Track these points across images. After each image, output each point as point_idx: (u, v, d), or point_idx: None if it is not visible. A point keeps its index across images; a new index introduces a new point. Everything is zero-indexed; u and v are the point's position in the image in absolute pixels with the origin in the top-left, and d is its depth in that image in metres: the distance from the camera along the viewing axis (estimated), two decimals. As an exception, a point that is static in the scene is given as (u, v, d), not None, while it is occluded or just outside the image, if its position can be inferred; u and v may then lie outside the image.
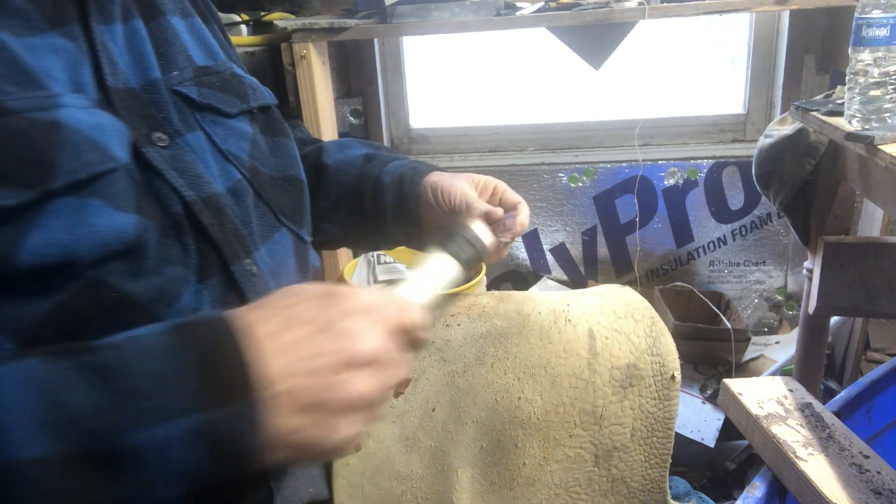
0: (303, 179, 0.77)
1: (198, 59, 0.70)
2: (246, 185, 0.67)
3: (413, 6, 1.53)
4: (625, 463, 0.71)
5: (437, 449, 0.70)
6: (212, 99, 0.68)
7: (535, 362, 0.71)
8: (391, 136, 2.08)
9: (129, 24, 0.65)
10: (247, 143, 0.70)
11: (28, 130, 0.49)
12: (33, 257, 0.48)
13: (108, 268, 0.52)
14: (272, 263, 0.66)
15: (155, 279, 0.55)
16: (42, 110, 0.51)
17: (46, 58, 0.55)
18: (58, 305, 0.50)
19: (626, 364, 0.71)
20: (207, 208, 0.61)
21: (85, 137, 0.52)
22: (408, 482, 0.70)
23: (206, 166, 0.64)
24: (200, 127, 0.66)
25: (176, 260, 0.57)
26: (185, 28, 0.71)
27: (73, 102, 0.54)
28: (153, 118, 0.62)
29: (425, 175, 0.81)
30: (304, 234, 0.74)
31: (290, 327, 0.47)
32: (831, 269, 1.34)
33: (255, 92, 0.75)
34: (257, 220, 0.67)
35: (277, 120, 0.78)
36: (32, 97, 0.51)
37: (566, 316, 0.74)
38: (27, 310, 0.49)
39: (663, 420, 0.71)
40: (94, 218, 0.51)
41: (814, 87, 1.80)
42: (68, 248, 0.49)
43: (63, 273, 0.50)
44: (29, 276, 0.48)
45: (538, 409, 0.70)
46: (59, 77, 0.55)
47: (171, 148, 0.62)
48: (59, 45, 0.57)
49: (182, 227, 0.59)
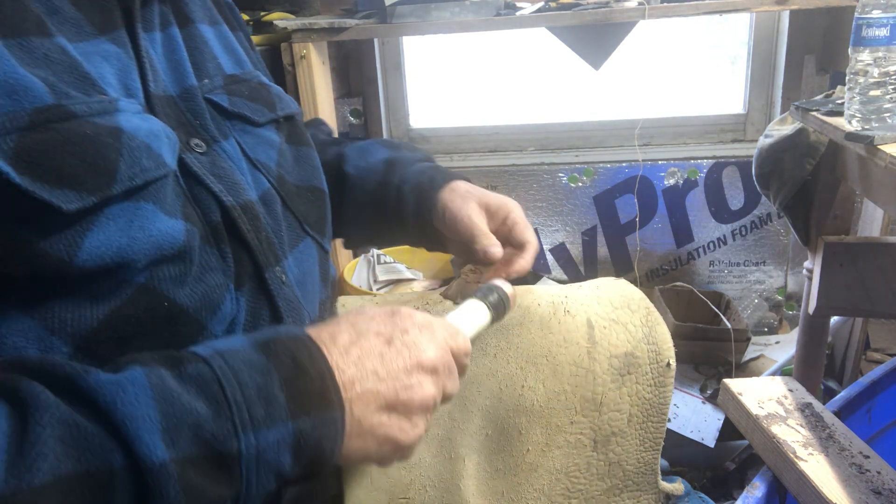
0: (325, 190, 0.77)
1: (227, 68, 0.71)
2: (274, 194, 0.68)
3: (413, 6, 1.53)
4: (621, 447, 0.73)
5: (444, 437, 0.71)
6: (242, 108, 0.69)
7: (536, 352, 0.73)
8: (391, 136, 2.08)
9: (167, 31, 0.66)
10: (274, 152, 0.70)
11: (91, 136, 0.50)
12: (90, 258, 0.49)
13: (158, 274, 0.53)
14: (298, 272, 0.67)
15: (198, 287, 0.56)
16: (103, 115, 0.52)
17: (99, 63, 0.56)
18: (112, 312, 0.51)
19: (624, 353, 0.73)
20: (245, 214, 0.62)
21: (142, 144, 0.53)
22: (416, 470, 0.71)
23: (242, 173, 0.65)
24: (232, 135, 0.67)
25: (216, 267, 0.58)
26: (213, 36, 0.72)
27: (129, 107, 0.55)
28: (190, 125, 0.63)
29: (441, 188, 0.80)
30: (326, 243, 0.75)
31: (360, 340, 0.53)
32: (831, 269, 1.34)
33: (282, 101, 0.75)
34: (286, 228, 0.68)
35: (301, 129, 0.78)
36: (94, 102, 0.52)
37: (565, 307, 0.75)
38: (84, 315, 0.50)
39: (658, 406, 0.73)
40: (148, 222, 0.52)
41: (814, 87, 1.80)
42: (123, 251, 0.50)
43: (117, 277, 0.51)
44: (85, 280, 0.49)
45: (541, 397, 0.72)
46: (111, 82, 0.56)
47: (209, 154, 0.62)
48: (110, 51, 0.58)
49: (220, 234, 0.59)
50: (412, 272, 1.93)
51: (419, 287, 1.87)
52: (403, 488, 0.71)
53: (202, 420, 0.44)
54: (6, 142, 0.46)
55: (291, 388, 0.48)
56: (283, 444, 0.46)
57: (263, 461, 0.46)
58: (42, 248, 0.47)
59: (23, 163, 0.46)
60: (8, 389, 0.42)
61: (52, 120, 0.48)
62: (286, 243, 0.67)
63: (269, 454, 0.46)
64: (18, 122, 0.47)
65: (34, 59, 0.50)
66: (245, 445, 0.45)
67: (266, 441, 0.46)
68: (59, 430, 0.40)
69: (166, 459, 0.42)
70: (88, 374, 0.44)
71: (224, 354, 0.47)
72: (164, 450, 0.42)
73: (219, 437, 0.44)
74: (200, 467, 0.43)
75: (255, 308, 0.61)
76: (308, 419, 0.47)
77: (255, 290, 0.62)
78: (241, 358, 0.47)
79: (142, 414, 0.42)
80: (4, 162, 0.45)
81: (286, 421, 0.47)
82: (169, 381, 0.44)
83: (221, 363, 0.46)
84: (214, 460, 0.44)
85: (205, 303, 0.56)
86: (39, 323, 0.49)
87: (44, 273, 0.48)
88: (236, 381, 0.46)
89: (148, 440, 0.41)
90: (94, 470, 0.40)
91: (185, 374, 0.45)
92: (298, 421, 0.47)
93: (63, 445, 0.40)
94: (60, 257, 0.48)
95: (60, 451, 0.40)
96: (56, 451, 0.39)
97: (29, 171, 0.46)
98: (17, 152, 0.46)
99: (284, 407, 0.47)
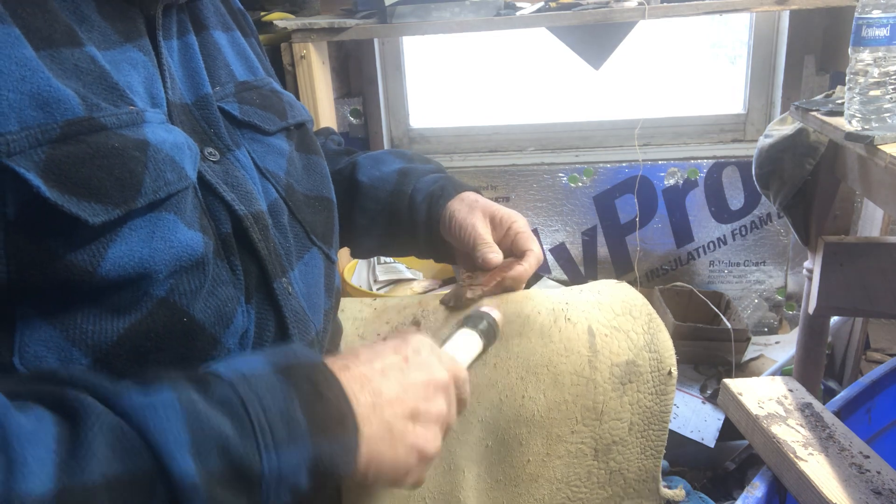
0: (333, 200, 0.77)
1: (239, 74, 0.71)
2: (282, 204, 0.68)
3: (413, 6, 1.53)
4: (622, 456, 0.72)
5: (444, 449, 0.71)
6: (253, 116, 0.69)
7: (537, 361, 0.72)
8: (391, 136, 2.08)
9: (184, 39, 0.66)
10: (283, 161, 0.70)
11: (119, 149, 0.51)
12: (113, 269, 0.50)
13: (177, 287, 0.54)
14: (304, 283, 0.67)
15: (212, 301, 0.57)
16: (131, 126, 0.52)
17: (128, 71, 0.57)
18: (133, 325, 0.52)
19: (626, 361, 0.72)
20: (256, 224, 0.62)
21: (167, 157, 0.54)
22: None
23: (253, 183, 0.65)
24: (242, 143, 0.67)
25: (227, 280, 0.59)
26: (227, 42, 0.72)
27: (154, 118, 0.55)
28: (205, 133, 0.63)
29: (451, 197, 0.82)
30: (332, 254, 0.75)
31: (380, 357, 0.56)
32: (831, 269, 1.34)
33: (293, 108, 0.75)
34: (293, 238, 0.68)
35: (311, 137, 0.78)
36: (122, 113, 0.52)
37: (566, 315, 0.74)
38: (105, 328, 0.51)
39: (659, 414, 0.73)
40: (169, 233, 0.53)
41: (814, 87, 1.80)
42: (145, 262, 0.51)
43: (139, 289, 0.52)
44: (107, 290, 0.50)
45: (541, 407, 0.71)
46: (139, 90, 0.57)
47: (222, 163, 0.63)
48: (137, 58, 0.58)
49: (230, 246, 0.60)
50: (412, 272, 1.93)
51: (419, 287, 1.87)
52: (403, 500, 0.70)
53: (229, 440, 0.45)
54: (37, 154, 0.47)
55: (311, 412, 0.49)
56: (303, 464, 0.48)
57: (283, 480, 0.47)
58: (67, 258, 0.48)
59: (52, 175, 0.47)
60: (55, 398, 0.44)
61: (82, 132, 0.49)
62: (293, 254, 0.67)
63: (288, 474, 0.47)
64: (49, 135, 0.47)
65: (65, 70, 0.51)
66: (268, 465, 0.46)
67: (288, 461, 0.47)
68: (107, 434, 0.42)
69: (194, 475, 0.43)
70: (122, 395, 0.45)
71: (248, 378, 0.49)
72: (193, 466, 0.43)
73: (244, 457, 0.46)
74: (226, 484, 0.45)
75: (261, 320, 0.61)
76: (326, 442, 0.49)
77: (263, 301, 0.62)
78: (264, 382, 0.49)
79: (174, 437, 0.44)
80: (35, 175, 0.46)
81: (307, 443, 0.48)
82: (198, 403, 0.46)
83: (246, 388, 0.48)
84: (239, 478, 0.46)
85: (219, 317, 0.57)
86: (61, 333, 0.50)
87: (67, 283, 0.49)
88: (260, 405, 0.47)
89: (179, 456, 0.43)
90: (140, 473, 0.42)
91: (212, 396, 0.47)
92: (317, 444, 0.49)
93: (111, 449, 0.42)
94: (84, 268, 0.48)
95: (108, 454, 0.41)
96: (105, 453, 0.41)
97: (58, 185, 0.47)
98: (47, 165, 0.47)
99: (305, 430, 0.48)
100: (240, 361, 0.51)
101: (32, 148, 0.46)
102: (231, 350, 0.58)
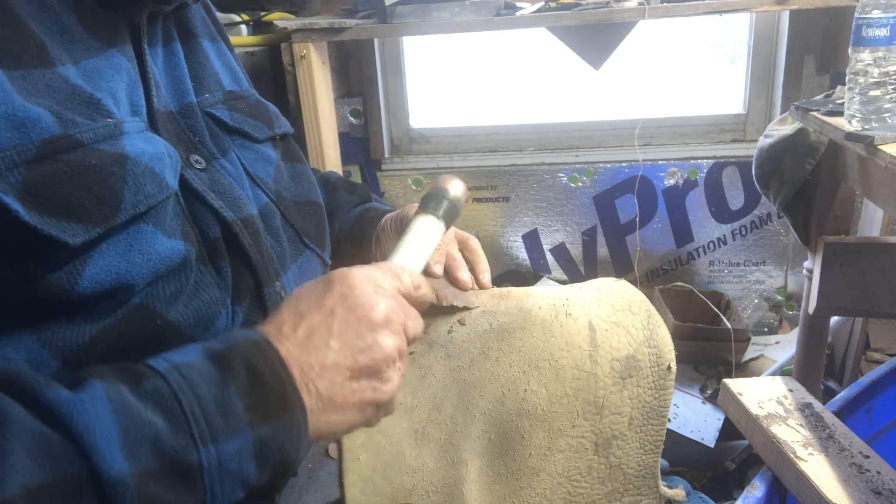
0: (322, 203, 0.79)
1: (226, 83, 0.72)
2: (273, 208, 0.68)
3: (413, 6, 1.53)
4: (622, 450, 0.73)
5: (446, 442, 0.71)
6: (243, 124, 0.69)
7: (538, 355, 0.73)
8: (391, 136, 2.08)
9: (169, 46, 0.66)
10: (272, 169, 0.71)
11: (97, 166, 0.50)
12: (90, 285, 0.49)
13: (153, 293, 0.53)
14: (296, 286, 0.67)
15: (192, 303, 0.56)
16: (109, 140, 0.52)
17: (111, 77, 0.56)
18: (105, 329, 0.51)
19: (626, 356, 0.73)
20: (246, 228, 0.62)
21: (146, 169, 0.53)
22: (419, 475, 0.71)
23: (243, 188, 0.65)
24: (232, 150, 0.67)
25: (211, 284, 0.58)
26: (213, 52, 0.73)
27: (132, 128, 0.55)
28: (190, 141, 0.63)
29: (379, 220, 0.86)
30: (326, 256, 0.76)
31: (303, 320, 0.52)
32: (831, 269, 1.34)
33: (278, 119, 0.77)
34: (286, 241, 0.68)
35: (294, 147, 0.80)
36: (99, 127, 0.52)
37: (566, 310, 0.75)
38: (76, 331, 0.50)
39: (658, 409, 0.73)
40: (147, 245, 0.52)
41: (814, 87, 1.80)
42: (122, 276, 0.51)
43: (115, 298, 0.51)
44: (84, 302, 0.50)
45: (543, 401, 0.72)
46: (121, 97, 0.56)
47: (208, 171, 0.63)
48: (121, 64, 0.58)
49: (217, 250, 0.59)
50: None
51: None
52: (406, 493, 0.70)
53: (161, 434, 0.44)
54: (14, 175, 0.46)
55: (249, 397, 0.47)
56: (245, 453, 0.47)
57: (226, 471, 0.46)
58: (45, 278, 0.47)
59: (30, 196, 0.46)
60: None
61: (59, 151, 0.48)
62: (287, 257, 0.67)
63: (231, 464, 0.46)
64: (25, 156, 0.47)
65: (37, 90, 0.50)
66: (206, 457, 0.45)
67: (227, 452, 0.46)
68: (27, 441, 0.40)
69: (124, 472, 0.42)
70: (50, 388, 0.44)
71: (180, 368, 0.47)
72: (123, 463, 0.42)
73: (178, 450, 0.44)
74: (161, 480, 0.43)
75: (249, 321, 0.61)
76: (268, 427, 0.48)
77: (253, 304, 0.62)
78: (198, 371, 0.47)
79: (100, 429, 0.42)
80: (13, 198, 0.45)
81: (246, 431, 0.47)
82: (127, 397, 0.44)
83: (178, 377, 0.46)
84: (176, 473, 0.44)
85: (199, 319, 0.56)
86: (32, 335, 0.49)
87: (43, 300, 0.48)
88: (193, 394, 0.46)
89: (106, 453, 0.42)
90: (62, 479, 0.41)
91: (143, 389, 0.45)
92: (258, 429, 0.47)
93: (31, 456, 0.40)
94: (62, 286, 0.48)
95: (29, 463, 0.40)
96: (24, 462, 0.40)
97: (36, 207, 0.46)
98: (24, 186, 0.46)
99: (243, 417, 0.47)
100: (174, 353, 0.49)
101: (9, 170, 0.46)
102: None
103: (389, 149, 2.07)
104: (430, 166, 2.02)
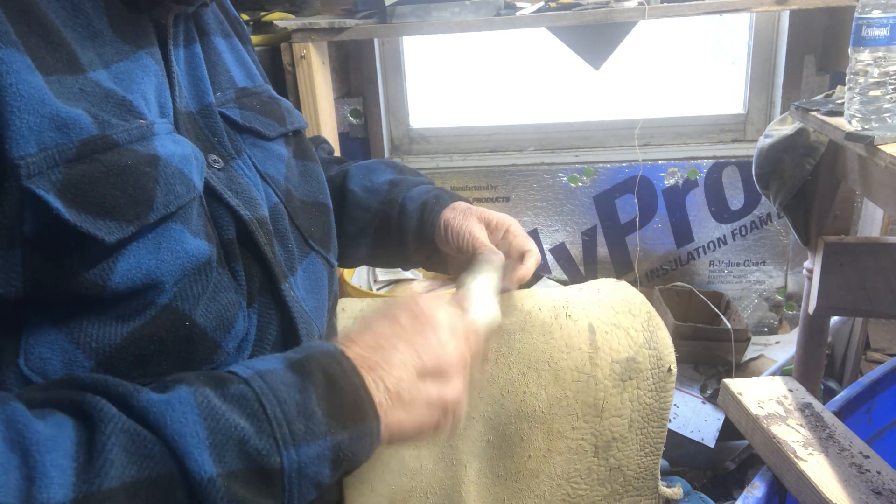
0: (329, 205, 0.78)
1: (239, 80, 0.72)
2: (282, 209, 0.68)
3: (413, 6, 1.53)
4: (622, 452, 0.73)
5: (445, 444, 0.71)
6: (253, 122, 0.69)
7: (538, 357, 0.72)
8: (391, 136, 2.08)
9: (190, 48, 0.66)
10: (283, 166, 0.71)
11: (132, 166, 0.51)
12: (122, 281, 0.50)
13: (182, 294, 0.54)
14: (304, 288, 0.68)
15: (213, 306, 0.57)
16: (141, 141, 0.53)
17: (141, 79, 0.57)
18: (136, 330, 0.52)
19: (626, 358, 0.73)
20: (262, 228, 0.62)
21: (176, 170, 0.54)
22: (418, 477, 0.70)
23: (256, 188, 0.65)
24: (244, 149, 0.67)
25: (228, 286, 0.59)
26: (226, 48, 0.73)
27: (162, 129, 0.56)
28: (209, 141, 0.63)
29: (445, 206, 0.82)
30: (331, 258, 0.76)
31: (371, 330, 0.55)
32: (831, 269, 1.34)
33: (291, 115, 0.76)
34: (293, 243, 0.68)
35: (307, 144, 0.79)
36: (133, 128, 0.53)
37: (566, 312, 0.75)
38: (108, 332, 0.51)
39: (659, 411, 0.73)
40: (176, 243, 0.53)
41: (814, 87, 1.80)
42: (152, 273, 0.52)
43: (145, 298, 0.52)
44: (115, 299, 0.51)
45: (542, 403, 0.71)
46: (150, 98, 0.57)
47: (226, 170, 0.63)
48: (149, 65, 0.59)
49: (232, 252, 0.60)
50: (412, 272, 1.93)
51: (419, 287, 1.87)
52: (405, 495, 0.70)
53: (246, 436, 0.46)
54: (55, 174, 0.47)
55: (328, 404, 0.49)
56: (323, 457, 0.48)
57: (304, 475, 0.47)
58: (80, 274, 0.49)
59: (70, 195, 0.48)
60: (73, 403, 0.44)
61: (96, 150, 0.50)
62: (294, 259, 0.68)
63: (309, 468, 0.48)
64: (66, 155, 0.48)
65: (73, 93, 0.51)
66: (287, 460, 0.46)
67: (307, 456, 0.47)
68: (122, 439, 0.43)
69: (214, 474, 0.43)
70: (139, 392, 0.46)
71: (263, 374, 0.49)
72: (212, 465, 0.44)
73: (262, 453, 0.46)
74: (245, 481, 0.45)
75: (263, 323, 0.62)
76: (345, 433, 0.49)
77: (266, 305, 0.62)
78: (279, 377, 0.49)
79: (190, 431, 0.44)
80: (53, 196, 0.47)
81: (325, 436, 0.48)
82: (214, 400, 0.46)
83: (261, 383, 0.48)
84: (259, 474, 0.46)
85: (220, 322, 0.57)
86: (66, 336, 0.50)
87: (77, 295, 0.49)
88: (276, 399, 0.48)
89: (197, 456, 0.43)
90: (156, 476, 0.43)
91: (228, 393, 0.47)
92: (337, 435, 0.49)
93: (127, 453, 0.42)
94: (95, 282, 0.49)
95: (125, 459, 0.42)
96: (121, 458, 0.42)
97: (75, 205, 0.48)
98: (64, 185, 0.47)
99: (323, 422, 0.49)
100: (257, 361, 0.52)
101: (50, 168, 0.47)
102: (230, 354, 0.58)
103: (389, 149, 2.07)
104: (431, 166, 2.02)
